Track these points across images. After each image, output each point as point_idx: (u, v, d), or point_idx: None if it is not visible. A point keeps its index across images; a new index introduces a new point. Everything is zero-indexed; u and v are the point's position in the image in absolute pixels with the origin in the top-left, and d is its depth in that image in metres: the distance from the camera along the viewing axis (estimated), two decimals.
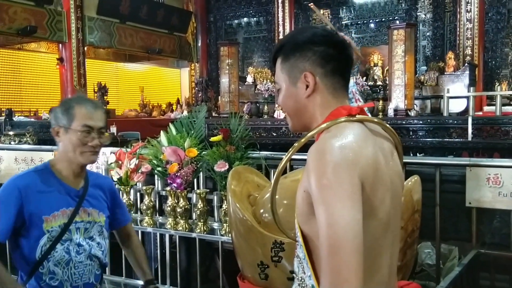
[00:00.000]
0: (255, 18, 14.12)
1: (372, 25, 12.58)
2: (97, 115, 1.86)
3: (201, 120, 3.02)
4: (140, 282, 3.08)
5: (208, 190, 2.89)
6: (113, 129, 8.64)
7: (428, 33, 11.75)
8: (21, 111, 9.93)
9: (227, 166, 2.65)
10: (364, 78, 10.09)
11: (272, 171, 2.83)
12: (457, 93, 8.85)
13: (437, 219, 2.59)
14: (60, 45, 10.73)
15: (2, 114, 8.68)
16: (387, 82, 9.56)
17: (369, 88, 9.71)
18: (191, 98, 13.77)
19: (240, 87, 10.96)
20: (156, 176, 3.13)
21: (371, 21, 12.54)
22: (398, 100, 8.78)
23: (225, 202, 2.71)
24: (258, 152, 2.88)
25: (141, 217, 3.12)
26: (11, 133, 5.38)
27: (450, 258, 2.93)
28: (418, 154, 7.09)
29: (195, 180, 3.02)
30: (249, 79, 11.59)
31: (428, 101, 9.75)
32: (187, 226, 2.87)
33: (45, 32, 10.13)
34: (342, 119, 1.16)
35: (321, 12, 13.10)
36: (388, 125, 1.28)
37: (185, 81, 15.45)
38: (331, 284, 1.00)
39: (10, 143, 4.99)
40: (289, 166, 2.63)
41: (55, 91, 11.40)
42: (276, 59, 1.29)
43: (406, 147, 7.57)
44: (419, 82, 9.79)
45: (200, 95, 10.00)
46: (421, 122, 7.92)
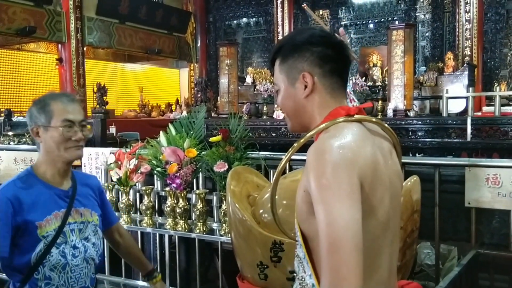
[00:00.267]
0: (254, 19, 14.13)
1: (371, 25, 12.59)
2: (74, 108, 1.80)
3: (200, 121, 3.02)
4: (139, 283, 3.09)
5: (207, 191, 2.89)
6: (113, 130, 8.64)
7: (427, 34, 11.76)
8: (20, 111, 9.90)
9: (227, 167, 2.65)
10: (363, 78, 10.09)
11: (271, 171, 2.83)
12: (456, 94, 8.85)
13: (436, 219, 2.59)
14: (59, 45, 10.72)
15: (1, 115, 8.67)
16: (386, 83, 9.56)
17: (368, 89, 9.71)
18: (190, 99, 13.76)
19: (239, 88, 10.95)
20: (155, 176, 3.13)
21: (370, 21, 12.55)
22: (397, 100, 8.78)
23: (224, 202, 2.71)
24: (258, 152, 2.88)
25: (140, 218, 3.12)
26: (10, 133, 5.37)
27: (449, 258, 2.94)
28: (417, 155, 7.10)
29: (194, 180, 3.02)
30: (248, 79, 11.59)
31: (427, 101, 9.75)
32: (186, 227, 2.87)
33: (44, 33, 10.13)
34: (340, 119, 1.17)
35: (320, 12, 13.11)
36: (386, 125, 1.28)
37: (184, 81, 15.45)
38: (330, 282, 1.00)
39: (9, 144, 4.99)
40: (288, 166, 2.63)
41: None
42: (275, 60, 1.30)
43: (405, 147, 7.58)
44: (418, 82, 9.79)
45: (200, 95, 9.99)
46: (420, 122, 7.93)
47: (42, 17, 10.05)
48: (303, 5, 10.60)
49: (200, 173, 3.00)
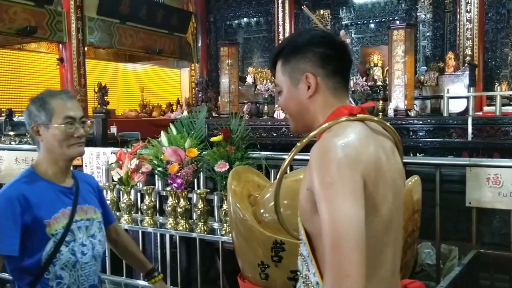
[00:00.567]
0: (255, 19, 14.13)
1: (372, 25, 12.59)
2: (74, 104, 1.80)
3: (201, 120, 3.03)
4: (140, 282, 3.10)
5: (208, 190, 2.89)
6: (114, 129, 8.64)
7: (428, 33, 11.76)
8: (21, 111, 9.90)
9: (228, 166, 2.65)
10: (364, 78, 10.09)
11: (272, 171, 2.83)
12: (457, 93, 8.86)
13: (437, 219, 2.59)
14: (60, 45, 10.74)
15: (2, 115, 8.68)
16: (387, 82, 9.56)
17: (369, 88, 9.71)
18: (191, 99, 13.77)
19: (240, 87, 10.96)
20: (156, 176, 3.13)
21: (371, 21, 12.55)
22: (398, 100, 8.79)
23: (225, 202, 2.71)
24: (258, 152, 2.88)
25: (141, 217, 3.12)
26: (11, 133, 5.38)
27: (450, 258, 2.94)
28: (418, 154, 7.10)
29: (195, 180, 3.02)
30: (249, 79, 11.60)
31: (428, 101, 9.75)
32: (187, 226, 2.87)
33: (45, 33, 10.14)
34: (343, 119, 1.18)
35: (321, 12, 13.11)
36: (388, 124, 1.29)
37: (185, 81, 15.46)
38: (333, 279, 1.01)
39: (10, 143, 4.99)
40: (289, 166, 2.63)
41: None
42: (276, 62, 1.30)
43: (406, 147, 7.58)
44: (419, 82, 9.80)
45: (200, 95, 10.00)
46: (421, 122, 7.93)
47: (43, 17, 10.06)
48: (302, 6, 10.60)
49: (201, 173, 3.00)
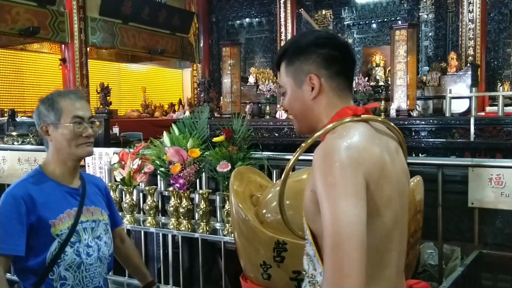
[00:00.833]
0: (257, 19, 14.13)
1: (374, 25, 12.58)
2: (83, 104, 1.80)
3: (203, 121, 3.03)
4: None
5: (210, 191, 2.90)
6: (116, 130, 8.65)
7: (430, 34, 11.74)
8: (23, 111, 9.94)
9: (230, 167, 2.65)
10: (366, 78, 10.09)
11: (274, 171, 2.83)
12: (459, 94, 8.84)
13: (439, 220, 2.59)
14: (63, 45, 10.75)
15: (5, 115, 8.70)
16: (389, 83, 9.55)
17: (371, 89, 9.70)
18: (193, 99, 13.79)
19: (242, 88, 10.96)
20: (158, 176, 3.13)
21: (373, 21, 12.54)
22: (400, 100, 8.77)
23: (227, 202, 2.72)
24: (260, 152, 2.88)
25: (143, 217, 3.13)
26: (14, 133, 5.39)
27: (452, 258, 2.93)
28: (420, 155, 7.09)
29: (197, 180, 3.02)
30: (251, 79, 11.60)
31: (430, 101, 9.74)
32: (189, 226, 2.87)
33: (47, 33, 10.15)
34: (347, 119, 1.18)
35: (323, 12, 13.11)
36: (392, 124, 1.29)
37: (187, 81, 15.47)
38: (333, 279, 1.01)
39: (13, 144, 5.00)
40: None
41: None
42: (280, 63, 1.30)
43: (409, 147, 7.49)
44: (421, 82, 9.78)
45: (203, 95, 10.01)
46: (423, 122, 7.92)
47: (46, 17, 10.08)
48: (300, 10, 10.56)
49: (203, 173, 3.00)
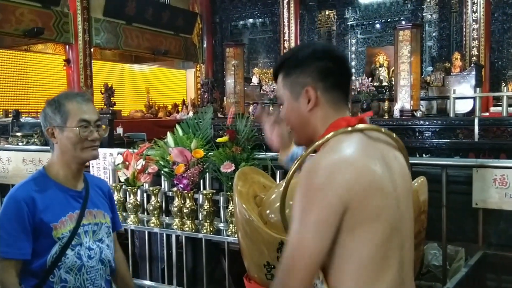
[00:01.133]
0: (260, 19, 14.15)
1: (378, 25, 12.57)
2: (89, 107, 1.79)
3: (207, 121, 3.03)
4: (147, 283, 3.11)
5: (214, 191, 2.90)
6: (120, 130, 8.67)
7: (434, 34, 11.73)
8: (28, 112, 9.97)
9: (233, 167, 2.65)
10: (370, 78, 10.08)
11: (278, 172, 2.83)
12: (463, 94, 8.82)
13: (443, 220, 2.58)
14: (67, 46, 10.79)
15: (9, 115, 8.73)
16: (393, 83, 9.54)
17: (374, 89, 9.70)
18: (196, 99, 13.80)
19: (245, 88, 10.97)
20: (162, 177, 3.14)
21: (376, 21, 12.53)
22: (404, 100, 8.77)
23: (231, 202, 2.72)
24: (264, 153, 2.88)
25: (148, 218, 3.14)
26: (18, 134, 5.40)
27: (456, 259, 2.92)
28: (424, 155, 7.08)
29: (201, 181, 3.03)
30: (255, 80, 11.62)
31: (434, 101, 9.73)
32: (193, 227, 2.87)
33: (51, 34, 10.19)
34: (340, 131, 1.20)
35: (326, 13, 13.10)
36: (389, 132, 1.29)
37: (190, 82, 15.49)
38: None
39: (17, 144, 5.02)
40: None
41: None
42: (278, 75, 1.32)
43: (412, 148, 7.55)
44: (425, 82, 9.77)
45: (206, 96, 10.03)
46: (427, 123, 7.91)
47: (50, 18, 10.12)
48: (258, 104, 10.20)
49: (207, 174, 3.01)
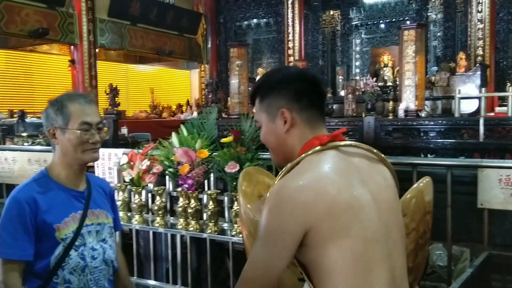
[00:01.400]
0: (264, 19, 14.14)
1: (382, 25, 12.54)
2: (92, 109, 1.77)
3: (212, 121, 3.04)
4: (151, 282, 3.12)
5: (218, 191, 2.90)
6: (124, 130, 8.70)
7: (439, 34, 11.68)
8: (33, 112, 10.01)
9: (238, 167, 2.66)
10: (374, 78, 10.06)
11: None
12: (468, 94, 8.79)
13: (448, 221, 2.58)
14: (72, 47, 10.82)
15: (14, 116, 8.77)
16: (397, 83, 9.52)
17: (379, 89, 9.68)
18: (200, 99, 13.82)
19: (249, 88, 10.96)
20: (167, 177, 3.14)
21: (381, 21, 12.50)
22: (408, 100, 8.74)
23: (235, 203, 2.72)
24: (269, 153, 2.88)
25: (152, 218, 3.14)
26: (24, 134, 5.43)
27: (461, 259, 2.92)
28: (429, 155, 7.06)
29: (205, 181, 3.03)
30: None
31: (439, 101, 9.69)
32: (198, 227, 2.88)
33: (56, 34, 10.23)
34: (309, 152, 1.24)
35: (331, 13, 13.08)
36: (368, 146, 1.34)
37: (195, 82, 15.51)
38: None
39: (23, 144, 5.04)
40: None
41: None
42: (255, 100, 1.38)
43: (417, 148, 7.53)
44: (430, 82, 9.74)
45: (211, 96, 10.03)
46: (432, 123, 7.88)
47: (55, 19, 10.16)
48: None
49: (212, 174, 3.01)
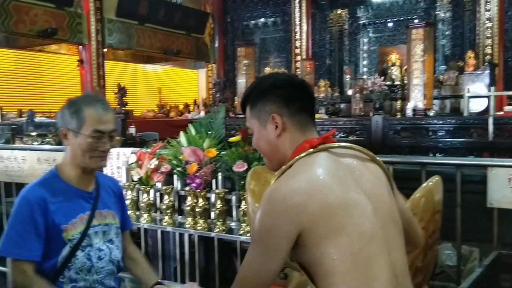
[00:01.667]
0: (272, 19, 14.12)
1: (390, 24, 12.48)
2: (108, 117, 1.76)
3: (220, 121, 3.04)
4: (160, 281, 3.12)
5: (226, 190, 2.91)
6: (132, 130, 8.74)
7: (447, 32, 11.61)
8: (42, 112, 10.07)
9: (246, 166, 2.66)
10: (382, 77, 10.02)
11: None
12: (477, 93, 8.73)
13: (458, 220, 2.56)
14: (80, 47, 10.88)
15: (23, 115, 8.83)
16: (405, 82, 9.47)
17: (387, 88, 9.63)
18: (208, 99, 13.84)
19: None
20: (175, 176, 3.15)
21: (389, 20, 12.44)
22: (416, 100, 8.70)
23: (243, 202, 2.72)
24: None
25: (160, 217, 3.16)
26: (33, 133, 5.46)
27: (470, 259, 2.90)
28: (437, 155, 7.03)
29: (213, 180, 3.04)
30: None
31: (448, 101, 9.64)
32: (206, 226, 2.89)
33: (65, 34, 10.28)
34: (301, 155, 1.27)
35: (338, 12, 13.04)
36: (357, 146, 1.36)
37: (202, 82, 15.54)
38: None
39: (32, 144, 5.07)
40: None
41: (76, 92, 11.55)
42: (246, 107, 1.41)
43: (426, 147, 7.50)
44: (438, 81, 9.69)
45: (218, 95, 10.05)
46: (440, 122, 7.85)
47: (63, 19, 10.21)
48: None
49: (220, 173, 3.01)
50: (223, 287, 3.03)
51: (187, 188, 2.90)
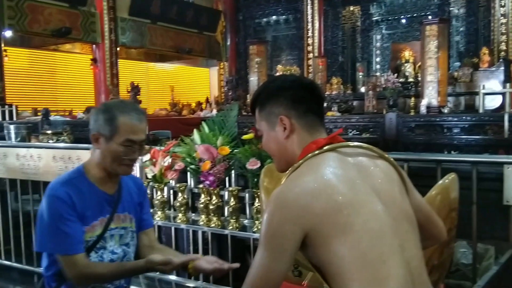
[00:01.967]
0: (284, 16, 14.11)
1: (404, 20, 12.39)
2: (141, 127, 1.76)
3: (233, 119, 3.05)
4: (173, 278, 3.14)
5: (240, 188, 2.91)
6: None
7: (461, 29, 11.49)
8: (56, 110, 10.18)
9: (259, 164, 2.66)
10: (395, 74, 9.95)
11: None
12: (492, 89, 8.63)
13: (473, 218, 2.54)
14: (94, 46, 10.98)
15: (38, 114, 8.93)
16: (419, 79, 9.40)
17: (400, 85, 9.57)
18: (220, 97, 13.87)
19: None
20: (189, 173, 3.17)
21: (402, 16, 12.35)
22: (430, 97, 8.62)
23: (257, 199, 2.73)
24: None
25: (174, 214, 3.17)
26: (48, 132, 5.51)
27: (486, 257, 2.87)
28: (452, 152, 6.96)
29: (227, 177, 3.04)
30: None
31: (462, 97, 9.55)
32: (219, 223, 2.89)
33: (79, 33, 10.38)
34: (308, 156, 1.27)
35: (350, 8, 12.96)
36: (365, 144, 1.35)
37: (214, 80, 15.58)
38: None
39: (48, 142, 5.12)
40: None
41: (89, 91, 11.67)
42: (255, 109, 1.42)
43: (440, 144, 7.43)
44: (452, 78, 9.60)
45: (230, 93, 10.06)
46: (455, 119, 7.76)
47: (77, 18, 10.31)
48: None
49: (233, 171, 3.02)
50: (236, 284, 3.04)
51: (201, 185, 2.90)
